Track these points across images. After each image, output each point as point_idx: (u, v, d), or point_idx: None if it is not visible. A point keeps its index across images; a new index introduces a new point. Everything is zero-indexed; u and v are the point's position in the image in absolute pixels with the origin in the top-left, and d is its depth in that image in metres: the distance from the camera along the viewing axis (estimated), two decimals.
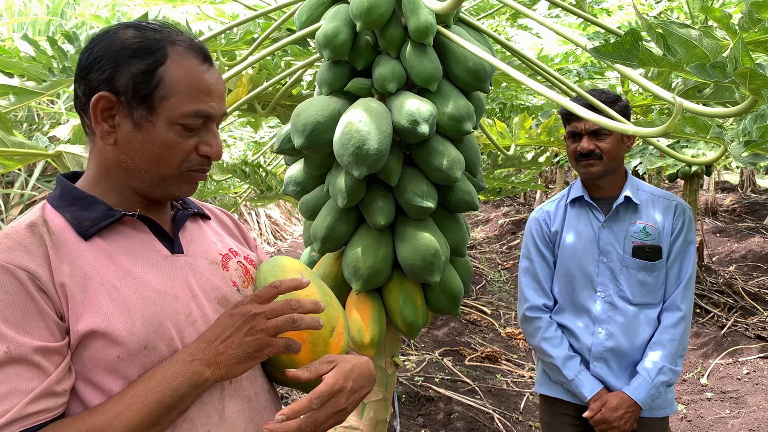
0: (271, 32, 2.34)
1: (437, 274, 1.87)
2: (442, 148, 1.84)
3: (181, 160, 1.09)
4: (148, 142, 1.07)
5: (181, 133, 1.07)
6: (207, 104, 1.08)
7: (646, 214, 2.19)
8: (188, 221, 1.22)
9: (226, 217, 1.38)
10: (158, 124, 1.06)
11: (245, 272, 1.25)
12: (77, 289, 0.99)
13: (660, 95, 1.33)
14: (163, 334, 1.04)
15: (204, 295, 1.13)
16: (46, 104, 4.31)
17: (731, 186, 16.77)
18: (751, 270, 8.05)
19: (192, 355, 1.03)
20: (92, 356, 0.99)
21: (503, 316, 6.66)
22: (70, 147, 2.04)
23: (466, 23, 2.03)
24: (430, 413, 4.07)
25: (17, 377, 0.93)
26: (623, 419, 2.07)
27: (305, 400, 1.07)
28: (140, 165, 1.08)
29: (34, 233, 1.01)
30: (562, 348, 2.20)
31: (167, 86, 1.06)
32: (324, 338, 1.21)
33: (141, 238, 1.11)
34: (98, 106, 1.06)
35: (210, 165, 1.14)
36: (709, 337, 5.45)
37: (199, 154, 1.10)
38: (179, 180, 1.11)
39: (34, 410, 0.93)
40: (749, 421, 4.00)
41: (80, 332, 0.98)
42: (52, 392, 0.95)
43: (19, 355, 0.93)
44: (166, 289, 1.07)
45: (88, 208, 1.08)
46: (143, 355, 1.02)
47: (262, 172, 3.53)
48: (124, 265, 1.05)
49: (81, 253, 1.03)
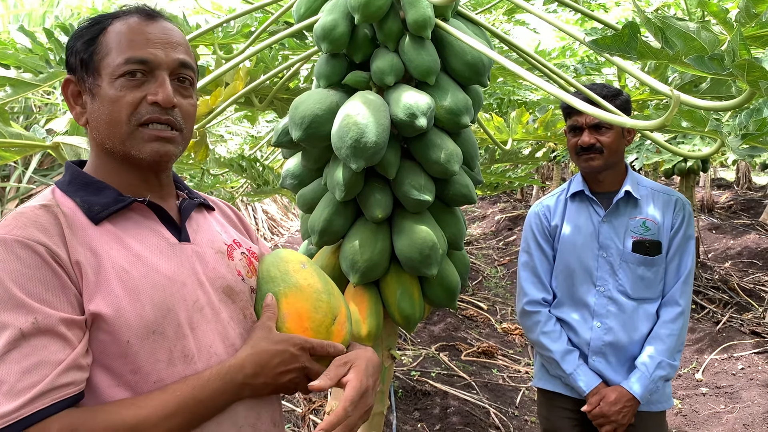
0: (269, 25, 2.33)
1: (434, 267, 1.87)
2: (440, 141, 1.84)
3: (129, 113, 1.07)
4: (99, 106, 1.08)
5: (123, 85, 1.07)
6: (143, 50, 1.07)
7: (646, 209, 2.19)
8: (194, 211, 1.23)
9: (229, 210, 1.39)
10: (103, 85, 1.08)
11: (249, 263, 1.26)
12: (90, 270, 1.00)
13: (657, 88, 1.33)
14: (171, 320, 1.05)
15: (210, 283, 1.14)
16: (42, 95, 4.30)
17: (727, 183, 16.83)
18: (746, 266, 8.09)
19: (245, 378, 1.09)
20: (102, 339, 1.00)
21: (499, 311, 6.67)
22: (68, 138, 2.03)
23: (464, 17, 2.03)
24: (427, 407, 4.08)
25: (45, 348, 0.92)
26: (621, 413, 2.07)
27: (341, 410, 1.09)
28: (103, 134, 1.09)
29: (49, 212, 1.02)
30: (560, 342, 2.21)
31: (104, 47, 1.08)
32: (326, 326, 1.22)
33: (149, 225, 1.12)
34: (67, 91, 1.12)
35: (166, 118, 1.09)
36: (704, 332, 5.47)
37: (148, 105, 1.08)
38: (134, 139, 1.08)
39: (64, 382, 0.93)
40: (743, 415, 4.02)
41: (92, 312, 0.98)
42: (79, 365, 0.95)
43: (46, 326, 0.93)
44: (174, 276, 1.08)
45: (98, 192, 1.09)
46: (152, 339, 1.02)
47: (259, 167, 3.53)
48: (134, 250, 1.06)
49: (92, 236, 1.04)
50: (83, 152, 2.00)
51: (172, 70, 1.10)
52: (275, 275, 1.25)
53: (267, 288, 1.24)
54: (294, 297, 1.22)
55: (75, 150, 2.06)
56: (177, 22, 2.36)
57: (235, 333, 1.15)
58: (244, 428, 1.11)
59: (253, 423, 1.13)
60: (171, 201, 1.21)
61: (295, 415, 3.71)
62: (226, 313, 1.15)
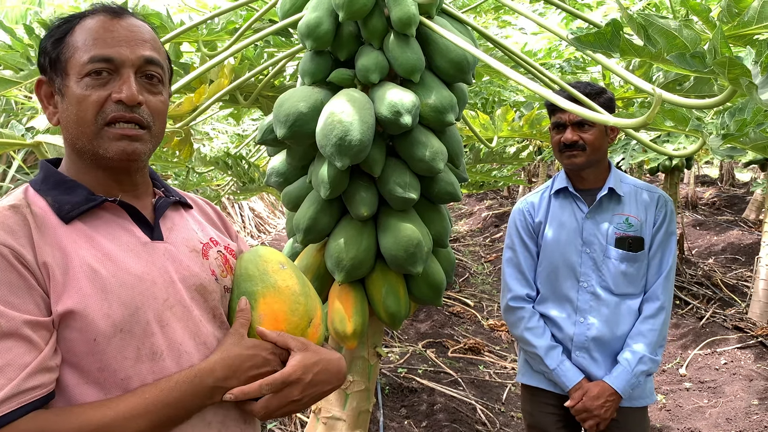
0: (253, 22, 2.32)
1: (420, 264, 1.87)
2: (425, 139, 1.84)
3: (95, 113, 1.06)
4: (68, 106, 1.08)
5: (89, 85, 1.06)
6: (108, 48, 1.07)
7: (628, 205, 2.21)
8: (170, 210, 1.23)
9: (208, 207, 1.38)
10: (70, 84, 1.07)
11: (225, 261, 1.25)
12: (59, 270, 1.00)
13: (640, 86, 1.34)
14: (139, 318, 1.05)
15: (182, 282, 1.13)
16: (20, 91, 4.24)
17: (711, 180, 17.00)
18: (729, 262, 8.18)
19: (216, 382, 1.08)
20: (70, 337, 1.00)
21: (486, 308, 6.70)
22: (50, 137, 2.01)
23: (449, 14, 2.03)
24: (413, 404, 4.09)
25: (9, 351, 0.92)
26: (604, 408, 2.10)
27: (255, 385, 1.10)
28: (73, 134, 1.09)
29: (18, 214, 1.02)
30: (544, 338, 2.23)
31: (71, 47, 1.08)
32: (301, 329, 1.23)
33: (121, 224, 1.12)
34: (40, 92, 1.12)
35: (132, 116, 1.08)
36: (688, 328, 5.52)
37: (113, 103, 1.07)
38: (101, 138, 1.07)
39: (31, 385, 0.93)
40: (727, 410, 4.07)
41: (59, 312, 0.98)
42: (46, 367, 0.95)
43: (9, 329, 0.93)
44: (144, 275, 1.08)
45: (70, 192, 1.09)
46: (119, 338, 1.02)
47: (244, 164, 3.51)
48: (104, 249, 1.06)
49: (62, 236, 1.03)
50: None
51: (138, 67, 1.09)
52: (253, 274, 1.23)
53: (244, 286, 1.23)
54: (272, 298, 1.21)
55: (57, 149, 2.04)
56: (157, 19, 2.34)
57: (206, 331, 1.15)
58: (212, 424, 1.11)
59: (222, 419, 1.13)
60: (146, 199, 1.20)
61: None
62: (197, 311, 1.14)
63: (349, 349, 2.06)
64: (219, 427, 1.12)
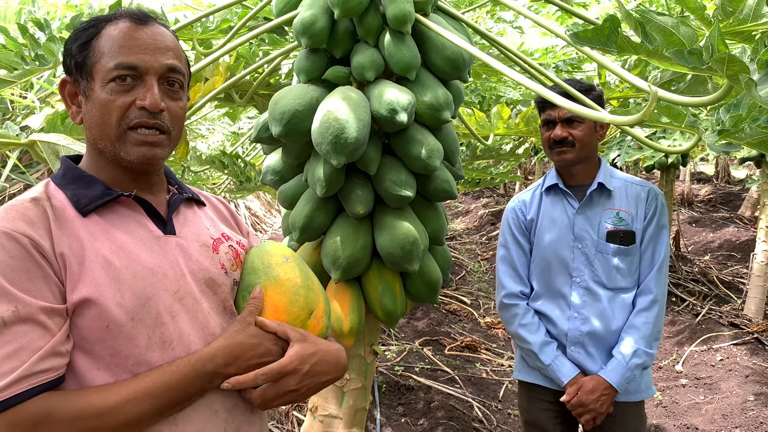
0: (248, 20, 2.31)
1: (416, 262, 1.87)
2: (421, 137, 1.84)
3: (119, 117, 1.11)
4: (92, 108, 1.13)
5: (114, 90, 1.11)
6: (133, 56, 1.11)
7: (619, 200, 2.23)
8: (183, 206, 1.28)
9: (221, 205, 1.44)
10: (95, 88, 1.12)
11: (236, 256, 1.30)
12: (75, 260, 1.05)
13: (636, 84, 1.34)
14: (150, 308, 1.09)
15: (192, 275, 1.18)
16: (15, 89, 4.22)
17: (707, 177, 17.02)
18: (725, 259, 8.20)
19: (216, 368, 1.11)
20: (84, 324, 1.04)
21: (483, 306, 6.70)
22: (45, 136, 2.00)
23: (444, 12, 2.02)
24: (410, 402, 4.09)
25: (24, 336, 0.97)
26: (599, 402, 2.10)
27: (251, 375, 1.13)
28: (95, 134, 1.14)
29: (38, 206, 1.07)
30: (539, 334, 2.23)
31: (97, 52, 1.12)
32: (301, 320, 1.25)
33: (135, 218, 1.17)
34: (63, 91, 1.19)
35: (154, 122, 1.13)
36: (684, 324, 5.53)
37: (137, 109, 1.13)
38: (123, 142, 1.13)
39: (42, 368, 0.97)
40: (722, 406, 4.08)
41: (74, 301, 1.03)
42: (57, 352, 1.00)
43: (26, 315, 0.98)
44: (156, 267, 1.12)
45: (88, 186, 1.14)
46: (131, 326, 1.06)
47: (240, 163, 3.51)
48: (119, 242, 1.11)
49: (79, 228, 1.09)
50: (61, 149, 1.96)
51: (161, 74, 1.14)
52: (258, 267, 1.28)
53: (249, 279, 1.27)
54: (273, 290, 1.25)
55: (53, 147, 2.03)
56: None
57: (215, 323, 1.18)
58: (219, 413, 1.14)
59: (230, 408, 1.16)
60: (161, 196, 1.25)
61: (278, 412, 3.70)
62: (206, 303, 1.18)
63: (346, 347, 2.06)
64: (226, 415, 1.15)
